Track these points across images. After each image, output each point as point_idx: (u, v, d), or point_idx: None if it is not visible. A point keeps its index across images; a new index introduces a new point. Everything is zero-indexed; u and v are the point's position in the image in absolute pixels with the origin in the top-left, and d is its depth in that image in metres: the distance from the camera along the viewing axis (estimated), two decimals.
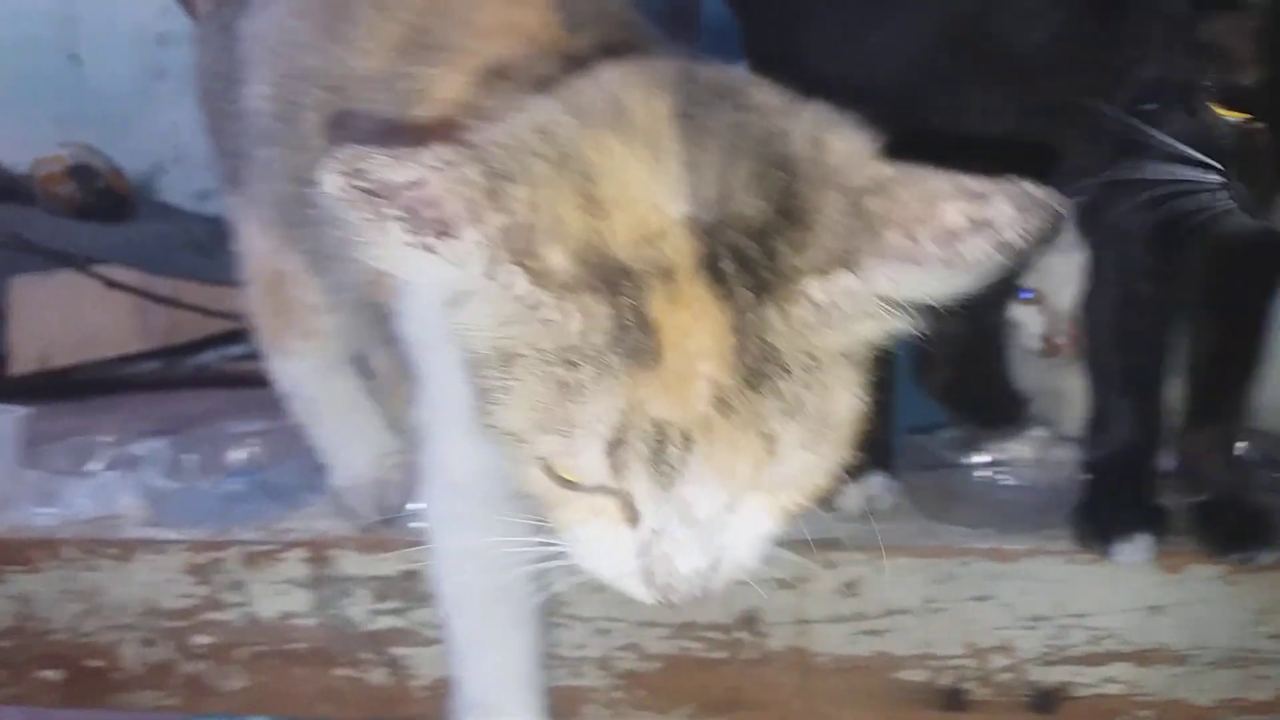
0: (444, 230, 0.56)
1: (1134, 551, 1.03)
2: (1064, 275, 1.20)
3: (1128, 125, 0.98)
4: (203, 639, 1.15)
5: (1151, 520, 1.04)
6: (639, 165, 0.60)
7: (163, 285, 2.70)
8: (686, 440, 0.58)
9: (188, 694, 1.16)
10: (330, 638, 1.15)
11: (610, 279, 0.57)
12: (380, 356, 1.17)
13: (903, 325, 0.63)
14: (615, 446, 0.59)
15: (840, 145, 0.63)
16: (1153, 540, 1.03)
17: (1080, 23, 1.02)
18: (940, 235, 0.57)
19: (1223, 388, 1.09)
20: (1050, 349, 1.28)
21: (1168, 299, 1.03)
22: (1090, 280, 1.05)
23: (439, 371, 0.79)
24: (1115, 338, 1.03)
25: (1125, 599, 1.06)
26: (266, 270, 1.09)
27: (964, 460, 1.24)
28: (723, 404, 0.58)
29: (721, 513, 0.62)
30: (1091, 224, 1.04)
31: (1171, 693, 1.07)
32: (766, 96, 0.66)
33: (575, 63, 0.69)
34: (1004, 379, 1.36)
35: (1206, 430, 1.09)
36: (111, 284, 2.64)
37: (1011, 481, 1.15)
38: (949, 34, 1.08)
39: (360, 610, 1.14)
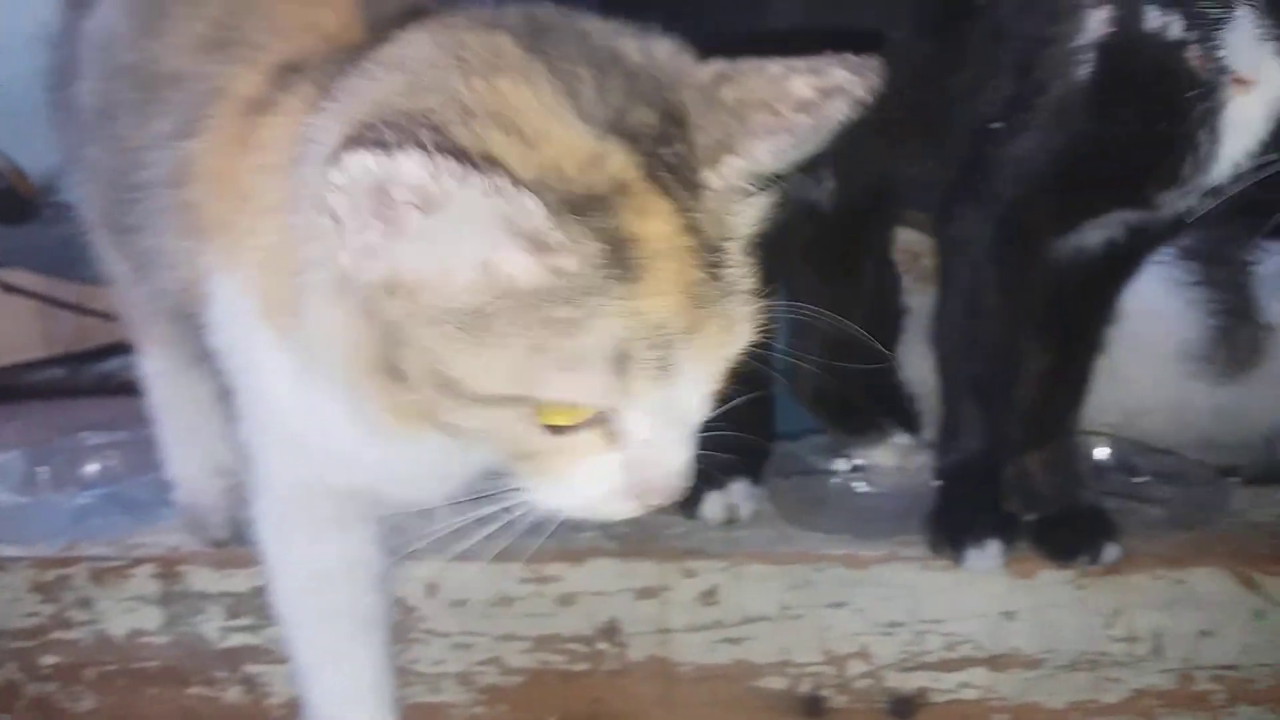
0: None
1: (985, 558, 1.04)
2: None
3: (974, 142, 0.99)
4: (50, 659, 1.12)
5: (1002, 527, 1.05)
6: (536, 99, 0.61)
7: (67, 290, 2.63)
8: (678, 339, 0.60)
9: (35, 716, 1.13)
10: (183, 656, 1.12)
11: (583, 206, 0.58)
12: None
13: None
14: (620, 363, 0.60)
15: (665, 52, 0.66)
16: (1003, 547, 1.05)
17: (923, 44, 1.03)
18: (799, 106, 0.62)
19: (1056, 404, 1.11)
20: None
21: (1016, 312, 1.04)
22: (940, 290, 1.05)
23: (256, 383, 0.78)
24: (964, 348, 1.04)
25: (978, 605, 1.08)
26: (110, 272, 1.06)
27: (829, 466, 1.25)
28: (699, 298, 0.61)
29: (696, 404, 0.64)
30: (941, 236, 1.05)
31: (1025, 696, 1.09)
32: (585, 21, 0.67)
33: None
34: (890, 386, 1.37)
35: (1041, 446, 1.10)
36: (10, 289, 2.57)
37: (868, 488, 1.16)
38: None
39: (213, 627, 1.12)
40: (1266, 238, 1.32)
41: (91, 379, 2.58)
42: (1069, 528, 1.08)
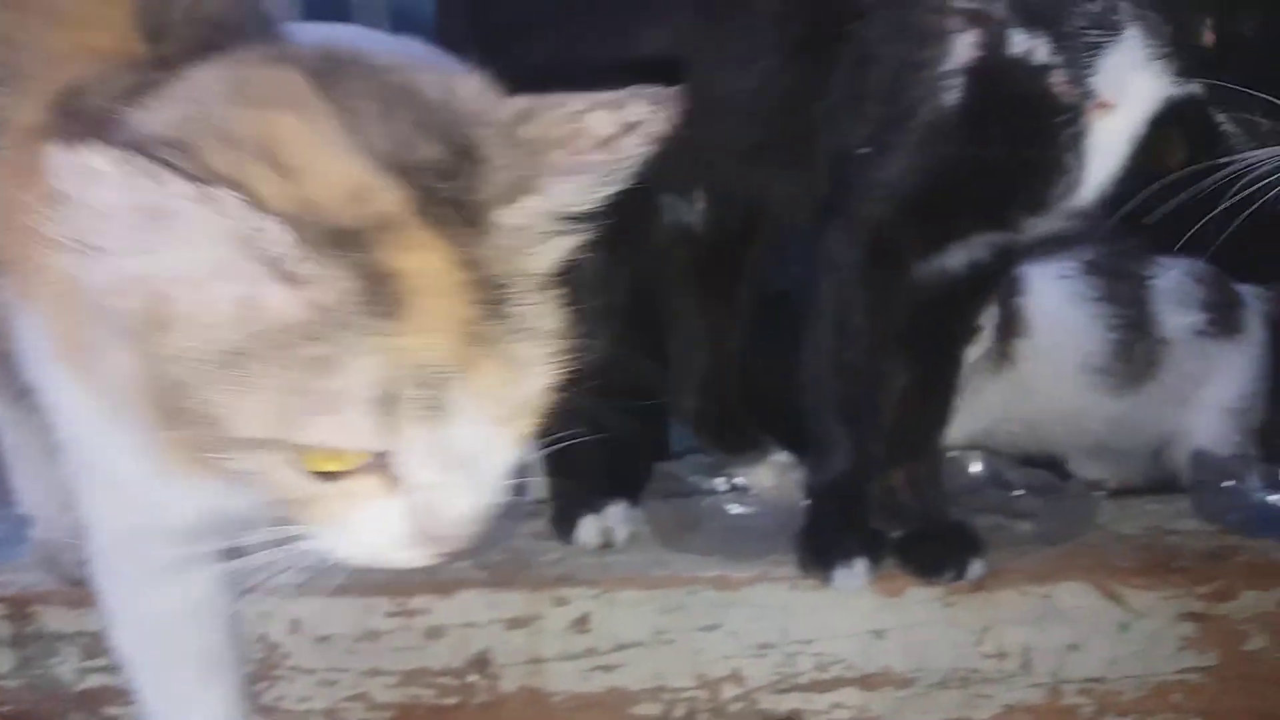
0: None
1: (852, 577, 1.04)
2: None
3: (841, 165, 0.99)
4: None
5: (869, 545, 1.06)
6: (309, 133, 0.59)
7: None
8: (450, 378, 0.58)
9: None
10: (37, 699, 1.08)
11: (341, 240, 0.57)
12: None
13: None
14: (386, 404, 0.57)
15: (467, 89, 0.65)
16: (870, 565, 1.05)
17: (789, 70, 1.03)
18: (597, 142, 0.62)
19: (920, 422, 1.12)
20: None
21: (881, 332, 1.04)
22: (812, 309, 1.05)
23: (67, 424, 0.75)
24: (831, 368, 1.04)
25: (848, 624, 1.07)
26: None
27: (707, 487, 1.24)
28: (472, 337, 0.59)
29: (484, 446, 0.61)
30: (811, 257, 1.05)
31: (898, 715, 1.09)
32: (383, 58, 0.67)
33: (162, 70, 0.67)
34: (785, 403, 1.37)
35: (905, 463, 1.11)
36: None
37: (739, 508, 1.15)
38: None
39: (69, 669, 1.08)
40: (1163, 254, 1.35)
41: None
42: (934, 544, 1.08)
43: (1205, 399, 1.35)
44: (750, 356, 1.34)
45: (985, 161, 0.98)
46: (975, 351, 1.25)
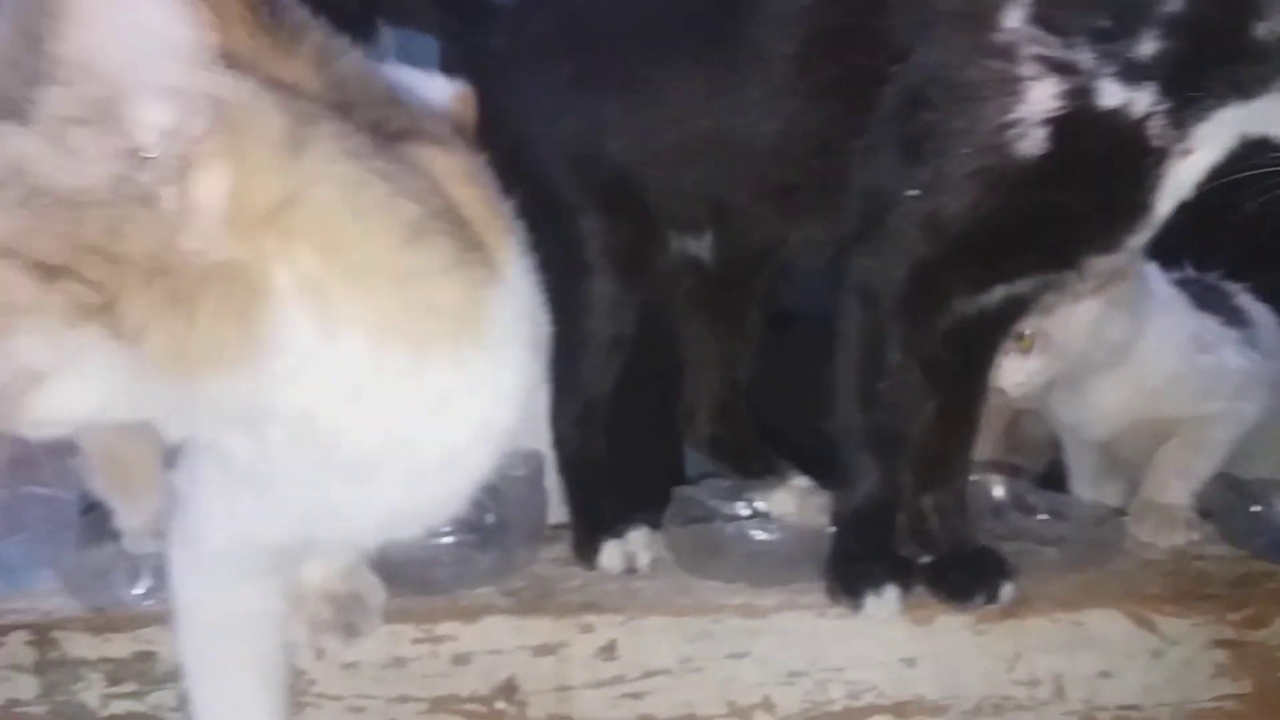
0: None
1: (883, 605, 1.04)
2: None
3: (880, 204, 0.99)
4: None
5: (899, 572, 1.05)
6: None
7: None
8: None
9: None
10: None
11: None
12: None
13: None
14: None
15: None
16: (901, 592, 1.04)
17: (817, 112, 1.02)
18: None
19: (948, 448, 1.11)
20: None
21: (916, 365, 1.03)
22: (839, 342, 1.05)
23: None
24: (861, 399, 1.03)
25: (879, 652, 1.07)
26: None
27: (728, 511, 1.23)
28: None
29: None
30: (839, 290, 1.04)
31: None
32: None
33: None
34: (794, 426, 1.36)
35: (934, 489, 1.10)
36: None
37: (763, 535, 1.14)
38: (677, 117, 1.09)
39: (94, 695, 1.07)
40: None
41: None
42: (964, 569, 1.07)
43: None
44: (758, 379, 1.34)
45: (1062, 208, 0.96)
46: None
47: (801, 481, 1.26)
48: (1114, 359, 1.27)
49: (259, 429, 0.72)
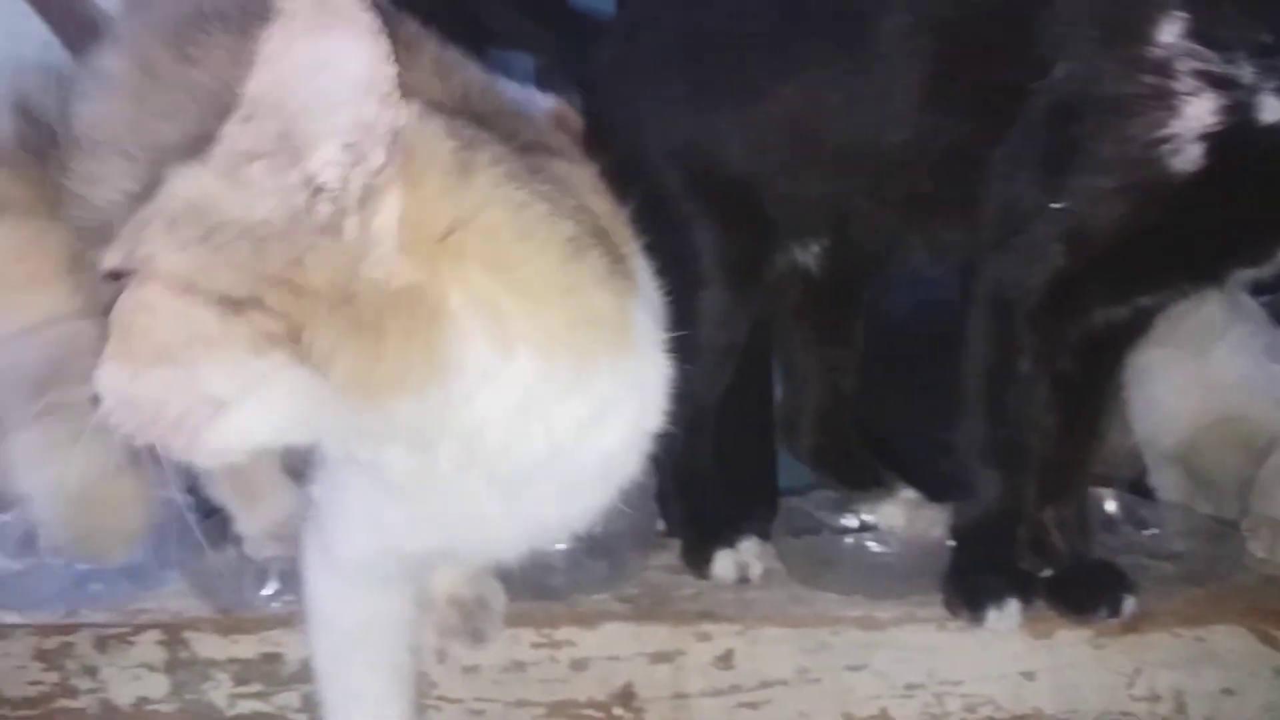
0: None
1: (1005, 618, 1.03)
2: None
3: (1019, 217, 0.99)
4: None
5: (1020, 585, 1.05)
6: None
7: None
8: None
9: None
10: None
11: None
12: None
13: None
14: None
15: None
16: (1022, 605, 1.04)
17: (951, 124, 1.03)
18: None
19: (1071, 460, 1.11)
20: None
21: (1046, 376, 1.03)
22: (967, 351, 1.05)
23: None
24: (988, 410, 1.03)
25: (997, 665, 1.07)
26: None
27: (836, 523, 1.24)
28: None
29: None
30: (969, 296, 1.04)
31: None
32: None
33: None
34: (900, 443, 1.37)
35: (1056, 502, 1.09)
36: None
37: (879, 547, 1.15)
38: (801, 128, 1.09)
39: (221, 694, 1.10)
40: None
41: None
42: (1085, 583, 1.07)
43: None
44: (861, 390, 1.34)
45: (1213, 223, 0.95)
46: None
47: (910, 494, 1.26)
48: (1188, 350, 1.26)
49: (424, 446, 0.73)
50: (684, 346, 1.15)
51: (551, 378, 0.72)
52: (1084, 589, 1.06)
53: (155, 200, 0.69)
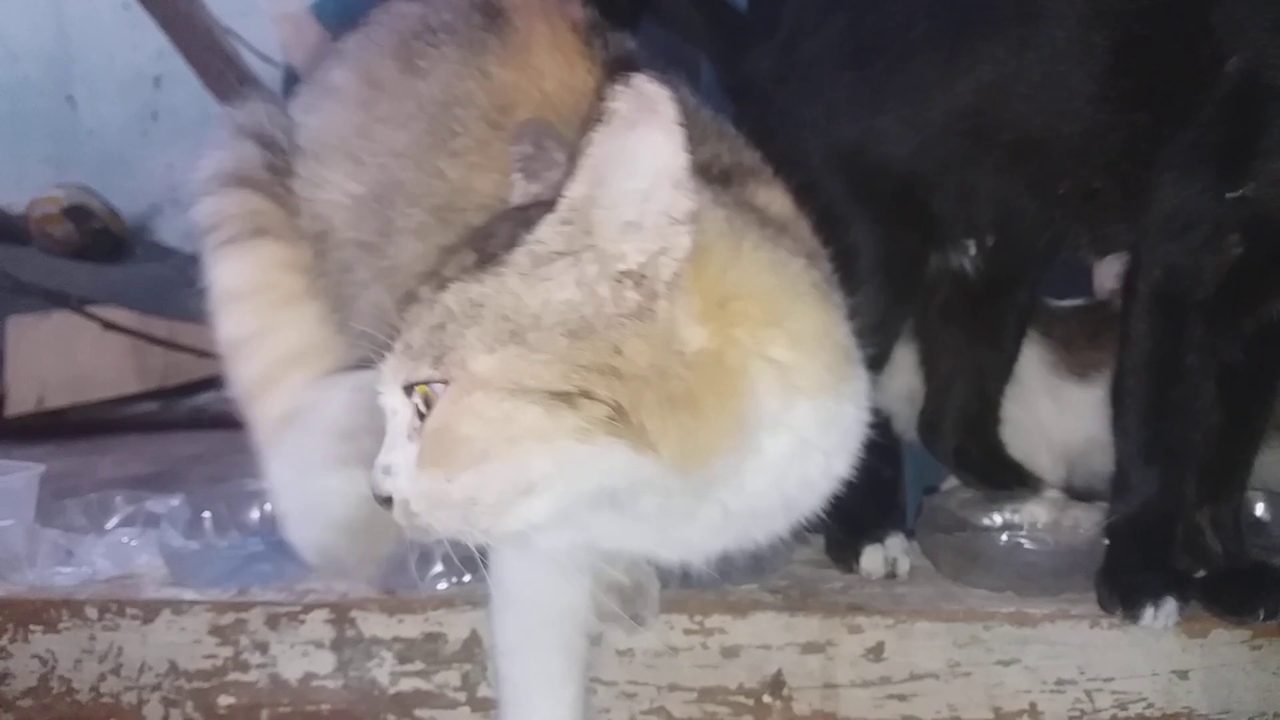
0: None
1: (1161, 616, 1.04)
2: None
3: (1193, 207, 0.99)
4: (227, 700, 1.15)
5: (1177, 585, 1.05)
6: None
7: (159, 326, 2.71)
8: None
9: None
10: (355, 700, 1.14)
11: None
12: None
13: None
14: None
15: None
16: (1179, 605, 1.04)
17: (1125, 118, 1.04)
18: None
19: (1230, 461, 1.10)
20: None
21: (1210, 370, 1.03)
22: (1129, 347, 1.05)
23: None
24: (1147, 406, 1.04)
25: (1151, 663, 1.07)
26: None
27: (980, 522, 1.25)
28: None
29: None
30: (1129, 290, 1.05)
31: None
32: None
33: None
34: None
35: (1209, 506, 1.09)
36: (108, 325, 2.64)
37: (1032, 545, 1.15)
38: (973, 124, 1.11)
39: (385, 672, 1.14)
40: None
41: (184, 413, 2.66)
42: (1242, 584, 1.07)
43: None
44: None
45: None
46: None
47: (1055, 494, 1.26)
48: None
49: (709, 495, 0.77)
50: None
51: (818, 420, 0.77)
52: (1241, 590, 1.06)
53: (439, 307, 0.73)
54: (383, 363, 0.75)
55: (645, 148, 0.67)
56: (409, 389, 0.73)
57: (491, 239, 0.76)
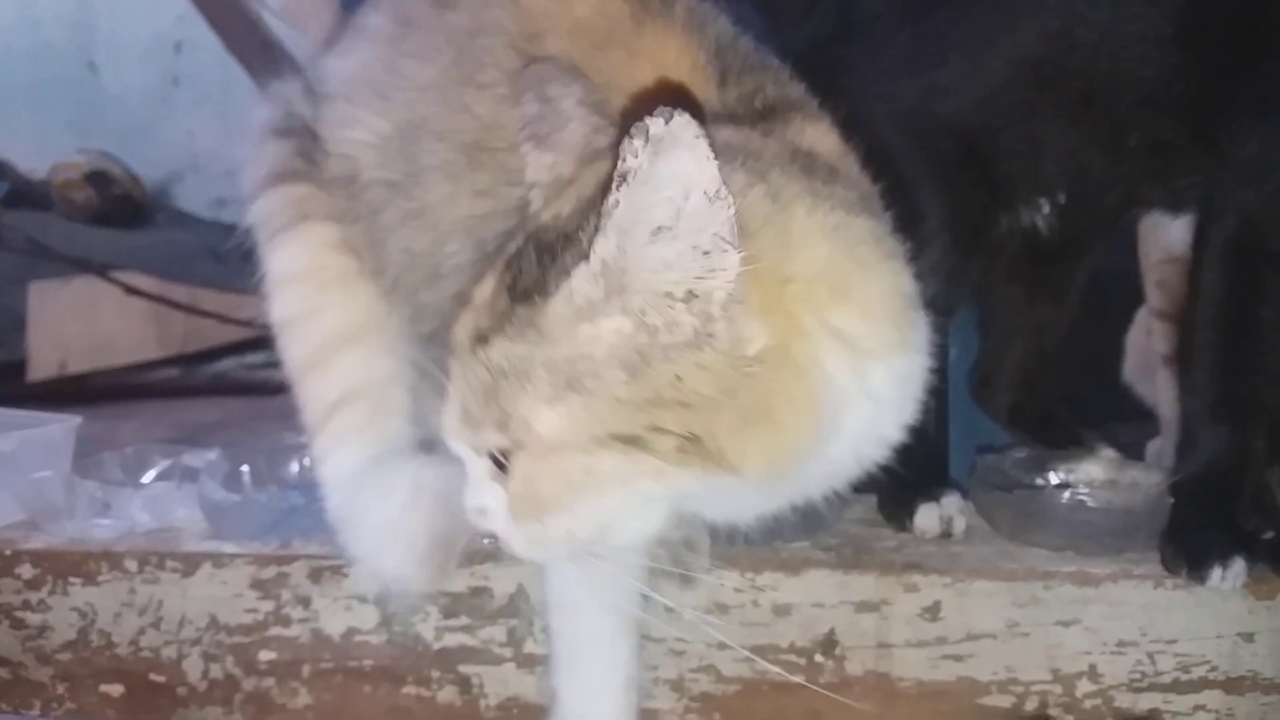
0: None
1: (1229, 577, 1.01)
2: None
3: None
4: (268, 654, 1.13)
5: (1244, 545, 1.02)
6: None
7: (180, 292, 2.70)
8: None
9: (251, 710, 1.14)
10: (398, 655, 1.12)
11: None
12: None
13: None
14: None
15: None
16: (1246, 566, 1.01)
17: (1198, 67, 1.01)
18: None
19: None
20: None
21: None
22: (1201, 300, 1.03)
23: None
24: (1218, 361, 1.01)
25: (1215, 625, 1.05)
26: None
27: (1036, 481, 1.22)
28: None
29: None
30: (1203, 243, 1.02)
31: None
32: None
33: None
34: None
35: (1278, 465, 1.07)
36: (130, 290, 2.63)
37: (1092, 502, 1.13)
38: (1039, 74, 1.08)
39: (428, 627, 1.12)
40: None
41: (205, 379, 2.65)
42: None
43: None
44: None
45: None
46: None
47: (1110, 453, 1.24)
48: None
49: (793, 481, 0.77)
50: None
51: (891, 378, 0.75)
52: None
53: (487, 369, 0.72)
54: (444, 414, 0.75)
55: (670, 174, 0.64)
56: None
57: (521, 274, 0.73)
